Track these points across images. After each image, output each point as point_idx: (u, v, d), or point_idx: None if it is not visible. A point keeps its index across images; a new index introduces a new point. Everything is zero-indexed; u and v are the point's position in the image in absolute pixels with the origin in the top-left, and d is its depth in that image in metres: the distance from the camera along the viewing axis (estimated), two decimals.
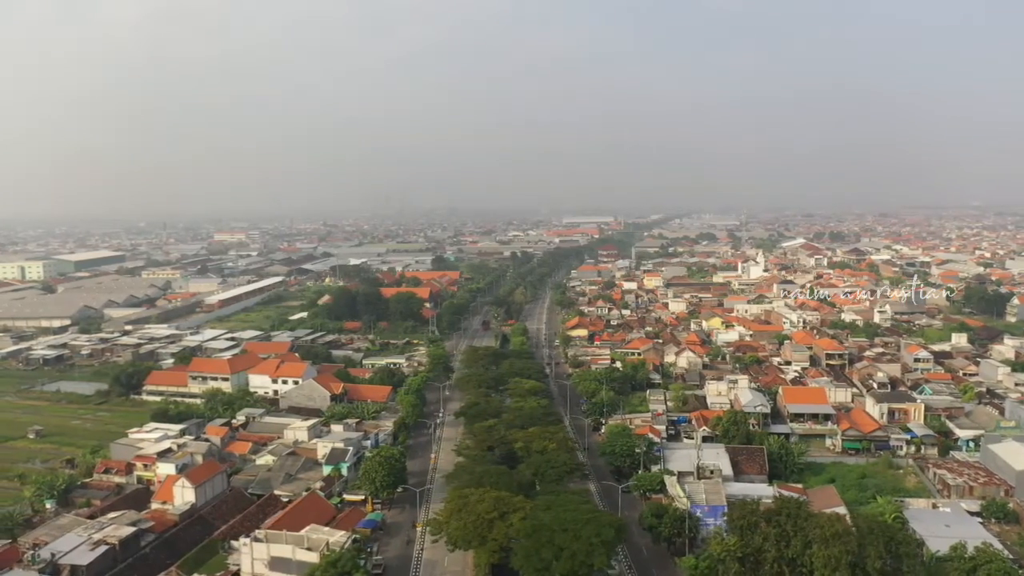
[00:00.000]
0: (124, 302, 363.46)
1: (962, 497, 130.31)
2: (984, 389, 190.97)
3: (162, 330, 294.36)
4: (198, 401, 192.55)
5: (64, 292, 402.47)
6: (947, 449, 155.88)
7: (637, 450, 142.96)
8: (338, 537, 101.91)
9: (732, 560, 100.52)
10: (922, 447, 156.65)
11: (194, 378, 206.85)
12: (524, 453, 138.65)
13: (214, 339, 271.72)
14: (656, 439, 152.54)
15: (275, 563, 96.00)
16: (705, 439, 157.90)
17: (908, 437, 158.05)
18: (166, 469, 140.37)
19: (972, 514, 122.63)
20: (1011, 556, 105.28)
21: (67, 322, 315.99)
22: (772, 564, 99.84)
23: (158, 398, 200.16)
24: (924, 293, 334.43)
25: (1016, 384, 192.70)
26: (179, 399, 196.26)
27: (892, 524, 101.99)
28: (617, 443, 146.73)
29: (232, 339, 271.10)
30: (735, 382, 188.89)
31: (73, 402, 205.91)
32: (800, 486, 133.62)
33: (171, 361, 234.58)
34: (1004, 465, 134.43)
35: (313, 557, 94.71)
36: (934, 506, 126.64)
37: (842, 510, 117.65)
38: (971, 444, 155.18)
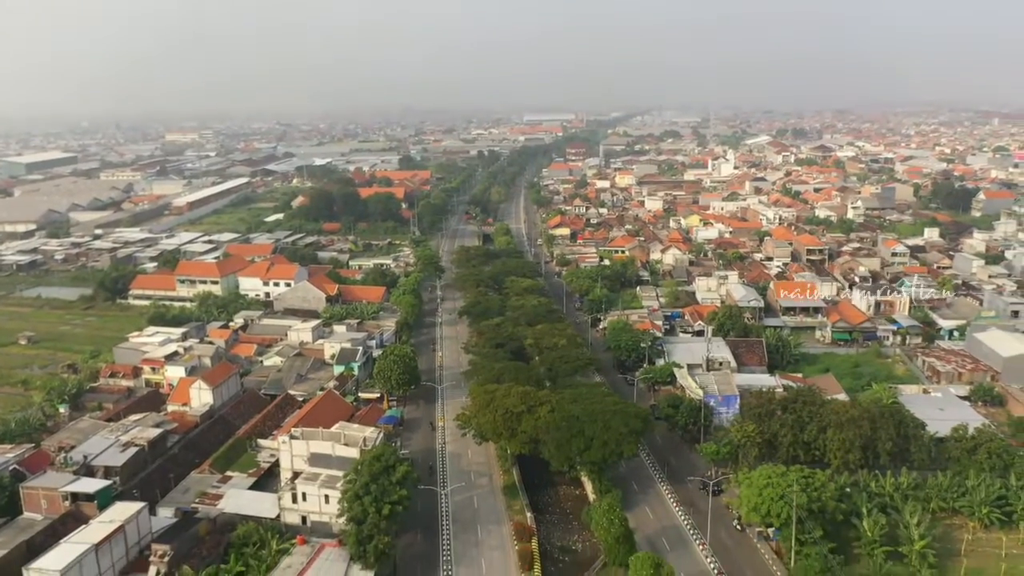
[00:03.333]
0: (89, 205, 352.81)
1: (951, 383, 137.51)
2: (960, 281, 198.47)
3: (135, 234, 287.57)
4: (189, 305, 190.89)
5: (23, 195, 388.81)
6: (931, 339, 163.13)
7: (643, 344, 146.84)
8: (371, 432, 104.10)
9: (752, 445, 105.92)
10: (907, 337, 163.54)
11: (182, 282, 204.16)
12: (535, 350, 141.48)
13: (192, 242, 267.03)
14: (658, 333, 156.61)
15: (315, 459, 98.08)
16: (700, 333, 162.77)
17: (894, 328, 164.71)
18: (175, 372, 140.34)
19: (961, 398, 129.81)
20: (1001, 436, 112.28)
21: (32, 226, 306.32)
22: (788, 448, 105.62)
23: (145, 302, 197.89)
24: (894, 189, 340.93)
25: (990, 276, 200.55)
26: (168, 303, 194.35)
27: (900, 409, 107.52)
28: (621, 338, 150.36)
29: (210, 242, 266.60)
30: (726, 278, 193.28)
31: (58, 308, 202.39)
32: (800, 375, 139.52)
33: (154, 265, 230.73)
34: (990, 352, 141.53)
35: (353, 452, 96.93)
36: (925, 392, 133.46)
37: (843, 397, 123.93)
38: (954, 333, 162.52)
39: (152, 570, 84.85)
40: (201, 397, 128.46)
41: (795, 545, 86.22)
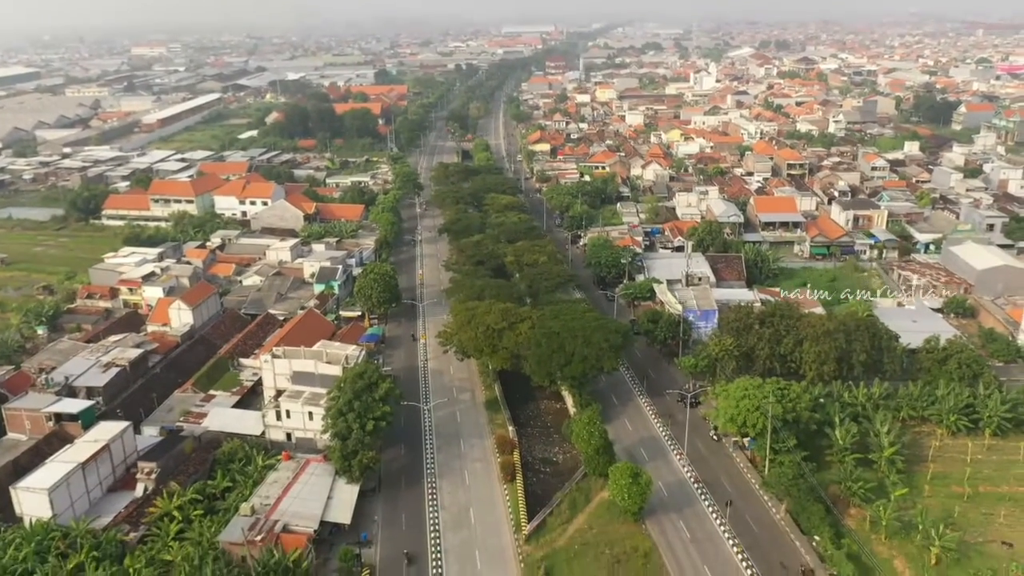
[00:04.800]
0: (56, 123, 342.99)
1: (925, 296, 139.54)
2: (938, 195, 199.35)
3: (105, 152, 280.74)
4: (165, 225, 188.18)
5: None
6: (907, 252, 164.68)
7: (623, 261, 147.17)
8: (352, 351, 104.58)
9: (729, 358, 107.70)
10: (884, 251, 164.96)
11: (156, 201, 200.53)
12: (515, 267, 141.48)
13: (164, 160, 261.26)
14: (638, 250, 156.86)
15: (298, 377, 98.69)
16: (680, 248, 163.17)
17: (872, 242, 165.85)
18: (154, 293, 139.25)
19: (935, 311, 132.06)
20: (972, 347, 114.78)
21: None
22: (765, 361, 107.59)
23: (119, 222, 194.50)
24: (875, 103, 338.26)
25: (968, 190, 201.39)
26: (143, 223, 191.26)
27: (874, 321, 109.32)
28: (601, 254, 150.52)
29: (183, 160, 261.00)
30: (705, 193, 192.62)
31: (29, 228, 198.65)
32: (777, 290, 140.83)
33: (126, 185, 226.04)
34: (965, 265, 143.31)
35: (335, 370, 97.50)
36: (900, 305, 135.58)
37: (819, 310, 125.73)
38: (930, 247, 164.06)
39: (140, 487, 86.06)
40: (181, 317, 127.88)
41: (769, 454, 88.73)
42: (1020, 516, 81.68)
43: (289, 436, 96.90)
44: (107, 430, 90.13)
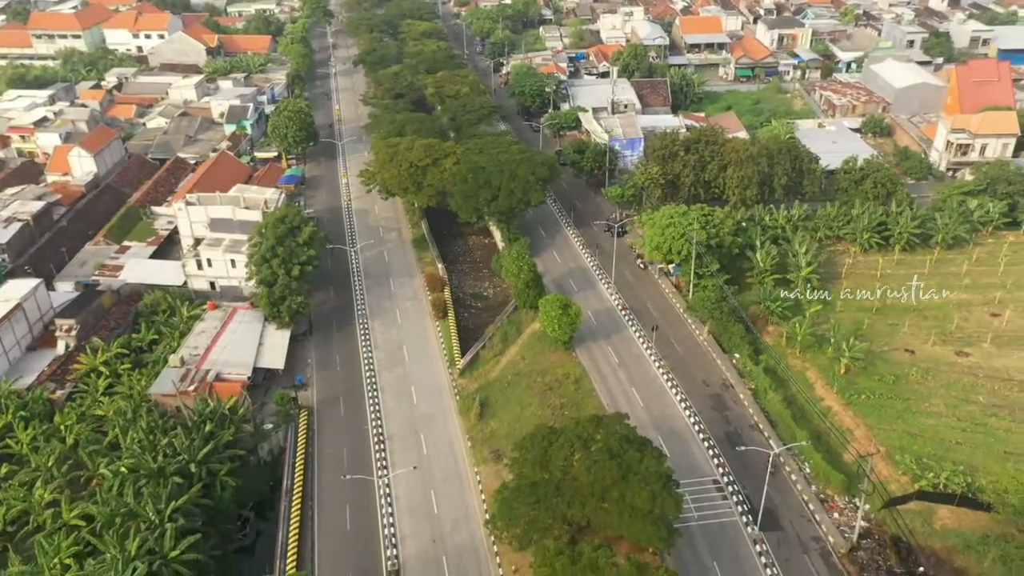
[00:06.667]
0: None
1: (845, 116, 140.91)
2: (861, 11, 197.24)
3: None
4: (52, 63, 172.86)
5: None
6: (830, 71, 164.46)
7: (547, 89, 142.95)
8: (272, 194, 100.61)
9: (655, 186, 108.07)
10: (807, 71, 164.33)
11: (38, 37, 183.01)
12: (436, 99, 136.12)
13: None
14: (562, 77, 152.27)
15: (216, 224, 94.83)
16: (605, 74, 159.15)
17: (795, 62, 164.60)
18: (49, 140, 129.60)
19: (853, 131, 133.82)
20: (887, 166, 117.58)
21: None
22: (689, 188, 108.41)
23: (0, 62, 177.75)
24: None
25: (891, 4, 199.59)
26: (27, 62, 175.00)
27: (796, 144, 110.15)
28: (525, 83, 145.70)
29: None
30: (630, 14, 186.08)
31: None
32: (702, 114, 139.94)
33: (1, 19, 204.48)
34: (884, 84, 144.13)
35: (255, 215, 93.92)
36: (820, 126, 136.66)
37: (743, 134, 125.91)
38: (852, 66, 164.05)
39: (60, 344, 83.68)
40: (83, 165, 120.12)
41: (693, 279, 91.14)
42: (922, 325, 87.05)
43: (213, 285, 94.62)
44: (17, 288, 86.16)
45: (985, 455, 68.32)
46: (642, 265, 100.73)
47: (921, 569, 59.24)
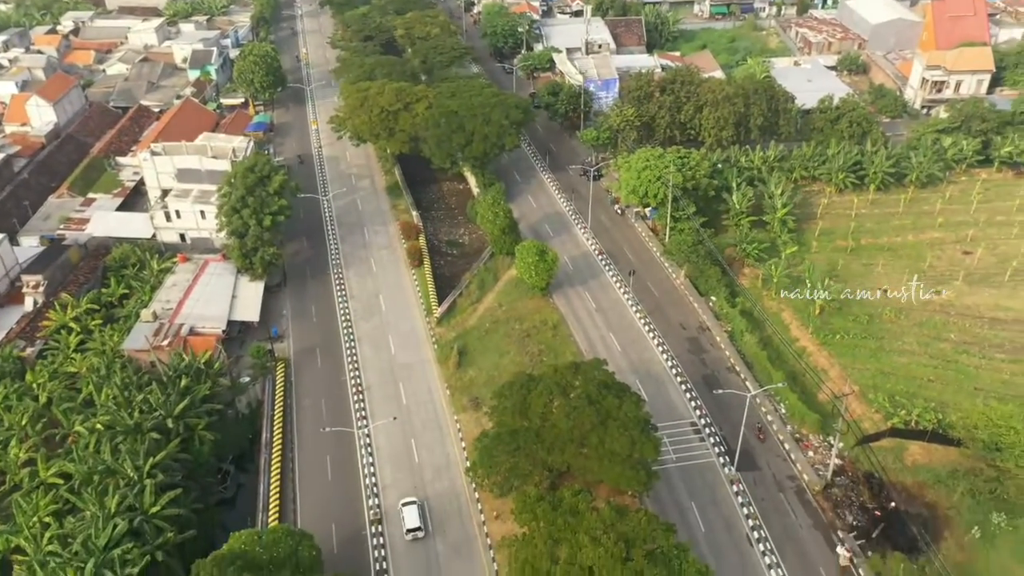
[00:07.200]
0: None
1: (821, 53, 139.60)
2: None
3: None
4: (4, 7, 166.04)
5: None
6: (806, 8, 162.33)
7: (520, 29, 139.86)
8: (240, 142, 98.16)
9: (631, 129, 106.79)
10: (783, 7, 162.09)
11: None
12: (406, 41, 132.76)
13: None
14: (535, 16, 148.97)
15: (183, 175, 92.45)
16: (579, 13, 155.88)
17: None
18: (5, 89, 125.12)
19: (829, 68, 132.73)
20: (862, 104, 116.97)
21: None
22: (665, 130, 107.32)
23: None
24: None
25: None
26: None
27: (772, 84, 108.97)
28: (497, 23, 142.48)
29: None
30: None
31: None
32: (678, 54, 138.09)
33: None
34: (860, 20, 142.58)
35: (223, 165, 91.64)
36: (796, 64, 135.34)
37: (719, 74, 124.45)
38: (828, 1, 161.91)
39: (28, 300, 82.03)
40: (41, 115, 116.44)
41: (670, 222, 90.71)
42: (896, 264, 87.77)
43: (183, 237, 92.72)
44: None
45: (956, 392, 69.63)
46: (619, 210, 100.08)
47: (892, 504, 60.68)
